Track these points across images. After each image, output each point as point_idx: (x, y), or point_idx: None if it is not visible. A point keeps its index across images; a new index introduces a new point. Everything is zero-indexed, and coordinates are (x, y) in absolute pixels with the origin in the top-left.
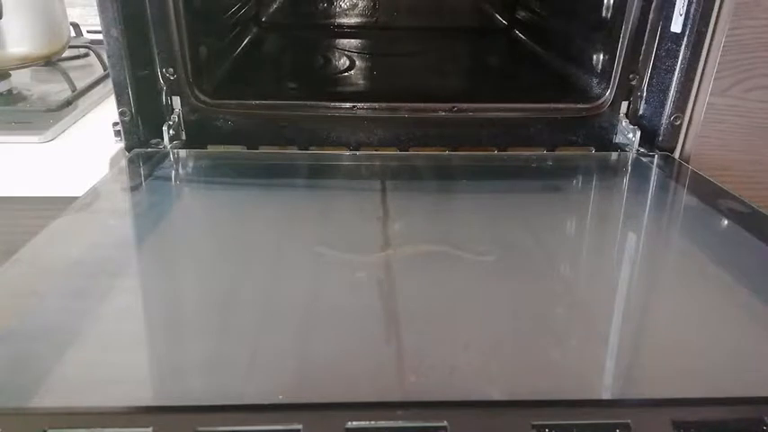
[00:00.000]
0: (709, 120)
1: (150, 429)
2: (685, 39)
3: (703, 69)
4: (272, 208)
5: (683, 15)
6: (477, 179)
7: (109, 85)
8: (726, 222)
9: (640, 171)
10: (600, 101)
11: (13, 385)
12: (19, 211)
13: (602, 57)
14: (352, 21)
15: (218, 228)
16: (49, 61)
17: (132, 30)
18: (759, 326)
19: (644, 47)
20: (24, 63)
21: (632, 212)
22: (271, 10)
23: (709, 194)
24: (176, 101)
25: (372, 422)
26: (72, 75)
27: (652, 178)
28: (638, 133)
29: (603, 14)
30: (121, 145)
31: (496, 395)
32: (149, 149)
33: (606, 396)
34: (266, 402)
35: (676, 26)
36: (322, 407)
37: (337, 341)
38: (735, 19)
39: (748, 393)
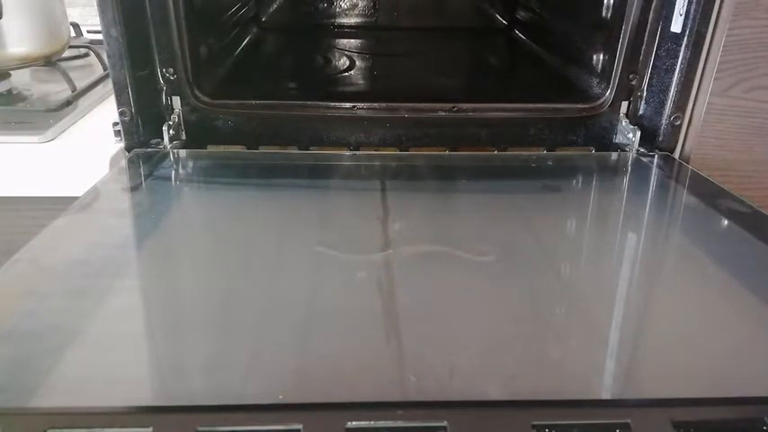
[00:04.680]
0: (709, 120)
1: (150, 429)
2: (685, 39)
3: (703, 69)
4: (271, 208)
5: (683, 15)
6: (477, 179)
7: (109, 85)
8: (726, 222)
9: (640, 171)
10: (600, 101)
11: (13, 385)
12: (19, 211)
13: (602, 57)
14: (352, 21)
15: (218, 228)
16: (49, 61)
17: (132, 30)
18: (759, 326)
19: (644, 47)
20: (24, 63)
21: (632, 212)
22: (271, 10)
23: (709, 194)
24: (176, 101)
25: (372, 422)
26: (72, 75)
27: (652, 178)
28: (638, 133)
29: (603, 14)
30: (121, 145)
31: (496, 395)
32: (149, 149)
33: (606, 396)
34: (266, 402)
35: (676, 26)
36: (322, 407)
37: (337, 341)
38: (735, 19)
39: (748, 393)
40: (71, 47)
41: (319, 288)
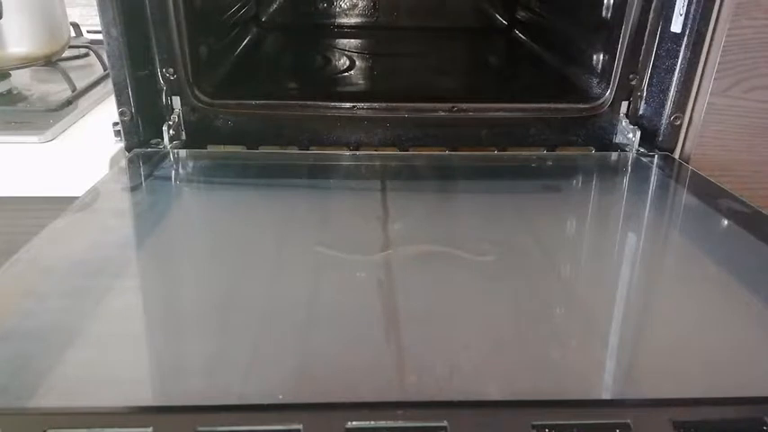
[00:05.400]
0: (710, 120)
1: (150, 429)
2: (685, 39)
3: (703, 69)
4: (271, 208)
5: (683, 15)
6: (477, 179)
7: (109, 85)
8: (726, 222)
9: (640, 171)
10: (600, 101)
11: (13, 385)
12: (19, 211)
13: (602, 57)
14: (352, 21)
15: (217, 228)
16: (49, 61)
17: (132, 30)
18: (759, 326)
19: (644, 47)
20: (24, 63)
21: (632, 213)
22: (271, 10)
23: (709, 194)
24: (176, 101)
25: (372, 422)
26: (72, 75)
27: (652, 178)
28: (638, 133)
29: (603, 14)
30: (121, 145)
31: (496, 395)
32: (149, 149)
33: (606, 396)
34: (266, 402)
35: (676, 26)
36: (322, 407)
37: (337, 341)
38: (735, 19)
39: (748, 393)
40: (71, 47)
41: (319, 288)
